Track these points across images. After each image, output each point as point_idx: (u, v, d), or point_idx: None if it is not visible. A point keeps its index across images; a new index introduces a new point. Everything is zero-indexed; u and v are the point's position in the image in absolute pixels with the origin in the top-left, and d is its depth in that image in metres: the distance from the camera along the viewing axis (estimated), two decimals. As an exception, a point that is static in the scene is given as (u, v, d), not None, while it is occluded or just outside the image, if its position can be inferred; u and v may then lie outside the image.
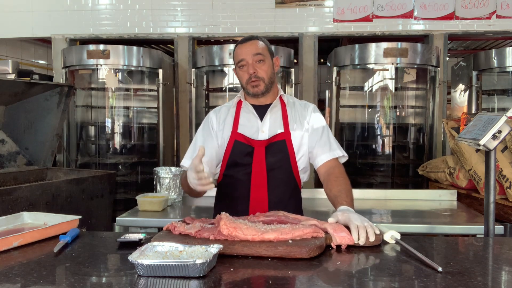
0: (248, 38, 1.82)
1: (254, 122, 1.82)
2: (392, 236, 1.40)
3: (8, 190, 2.56)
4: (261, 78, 1.77)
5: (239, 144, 1.79)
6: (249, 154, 1.77)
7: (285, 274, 1.14)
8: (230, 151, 1.79)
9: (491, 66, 4.35)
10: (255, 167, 1.75)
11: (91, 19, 4.88)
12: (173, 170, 2.76)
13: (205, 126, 1.89)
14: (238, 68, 1.81)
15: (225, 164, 1.81)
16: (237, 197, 1.79)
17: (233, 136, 1.80)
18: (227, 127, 1.83)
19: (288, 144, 1.78)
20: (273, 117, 1.82)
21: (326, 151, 1.80)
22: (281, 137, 1.78)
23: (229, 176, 1.82)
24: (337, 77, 4.34)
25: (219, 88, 4.80)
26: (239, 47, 1.80)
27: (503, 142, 2.56)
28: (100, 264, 1.25)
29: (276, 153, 1.76)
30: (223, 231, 1.31)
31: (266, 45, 1.82)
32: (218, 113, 1.89)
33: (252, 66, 1.76)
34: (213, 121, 1.88)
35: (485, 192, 1.66)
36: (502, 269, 1.22)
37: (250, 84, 1.78)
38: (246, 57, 1.76)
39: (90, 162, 4.51)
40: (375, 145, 4.52)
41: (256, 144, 1.77)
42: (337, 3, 4.69)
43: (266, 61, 1.79)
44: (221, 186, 1.88)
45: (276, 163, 1.76)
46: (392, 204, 2.80)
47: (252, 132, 1.80)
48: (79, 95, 4.58)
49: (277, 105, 1.84)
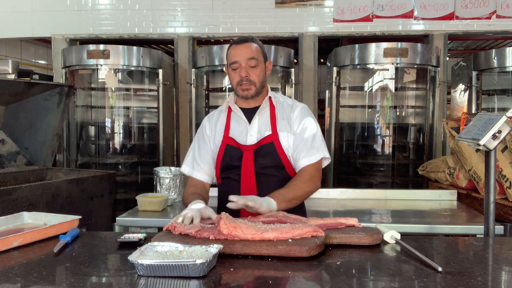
0: (243, 39, 1.81)
1: (243, 126, 1.83)
2: (392, 236, 1.40)
3: (8, 190, 2.56)
4: (253, 82, 1.78)
5: (230, 148, 1.81)
6: (239, 158, 1.79)
7: (285, 274, 1.14)
8: (222, 155, 1.82)
9: (491, 66, 4.35)
10: (243, 171, 1.77)
11: (91, 19, 4.88)
12: (173, 170, 2.76)
13: (200, 133, 1.95)
14: (231, 69, 1.81)
15: (219, 167, 1.84)
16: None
17: (224, 140, 1.83)
18: (219, 132, 1.86)
19: (276, 146, 1.77)
20: (261, 119, 1.83)
21: (305, 156, 1.77)
22: (269, 140, 1.78)
23: (224, 178, 1.86)
24: (337, 77, 4.34)
25: (219, 88, 4.80)
26: (233, 48, 1.80)
27: (503, 142, 2.56)
28: (100, 264, 1.26)
29: (265, 156, 1.76)
30: (223, 230, 1.31)
31: (261, 48, 1.82)
32: (211, 119, 1.93)
33: (245, 69, 1.77)
34: (206, 127, 1.92)
35: (485, 192, 1.66)
36: (502, 269, 1.22)
37: (241, 87, 1.79)
38: (240, 59, 1.76)
39: (90, 162, 4.51)
40: (375, 145, 4.52)
41: (245, 149, 1.78)
42: (337, 3, 4.69)
43: (259, 65, 1.79)
44: (219, 187, 1.91)
45: (266, 165, 1.77)
46: (392, 204, 2.79)
47: (242, 136, 1.81)
48: (79, 95, 4.58)
49: (265, 106, 1.84)
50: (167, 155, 4.68)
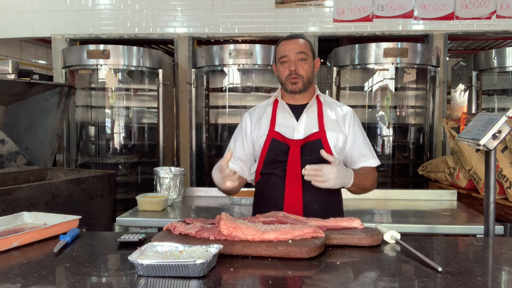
0: (294, 35, 1.85)
1: (290, 121, 1.82)
2: (392, 236, 1.40)
3: (8, 190, 2.56)
4: (301, 76, 1.79)
5: (276, 142, 1.79)
6: (285, 153, 1.77)
7: (285, 274, 1.14)
8: (268, 149, 1.80)
9: (491, 66, 4.35)
10: (289, 166, 1.76)
11: (91, 19, 4.88)
12: (173, 170, 2.76)
13: (239, 129, 1.94)
14: (279, 64, 1.82)
15: (262, 161, 1.82)
16: (273, 194, 1.80)
17: (270, 134, 1.81)
18: (263, 126, 1.84)
19: (324, 143, 1.77)
20: (309, 117, 1.83)
21: (371, 158, 1.87)
22: (316, 137, 1.78)
23: (266, 174, 1.83)
24: (337, 77, 4.34)
25: (219, 88, 4.80)
26: (283, 43, 1.82)
27: (503, 142, 2.56)
28: (100, 264, 1.26)
29: (311, 153, 1.75)
30: (223, 231, 1.31)
31: (310, 45, 1.85)
32: (253, 114, 1.92)
33: (294, 63, 1.78)
34: (247, 122, 1.91)
35: (485, 192, 1.66)
36: (502, 269, 1.22)
37: (290, 81, 1.79)
38: (289, 53, 1.78)
39: (90, 162, 4.51)
40: (375, 145, 4.52)
41: (292, 143, 1.77)
42: (337, 3, 4.68)
43: (308, 60, 1.81)
44: (258, 184, 1.88)
45: (312, 162, 1.70)
46: (392, 204, 2.80)
47: (288, 131, 1.80)
48: (79, 95, 4.58)
49: (313, 104, 1.85)
50: (167, 155, 4.67)
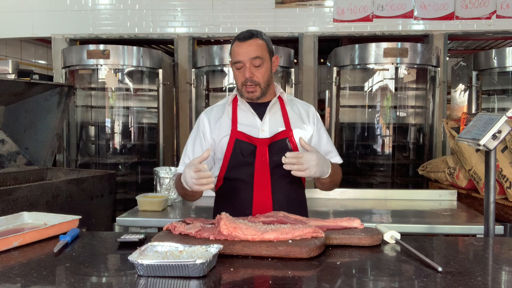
0: (248, 35, 1.70)
1: (253, 120, 1.74)
2: (392, 236, 1.40)
3: (8, 190, 2.56)
4: (258, 83, 1.70)
5: (240, 142, 1.70)
6: (251, 153, 1.69)
7: (285, 274, 1.14)
8: (232, 150, 1.70)
9: (491, 66, 4.35)
10: (257, 166, 1.68)
11: (91, 19, 4.88)
12: (173, 170, 2.76)
13: (196, 131, 1.81)
14: (234, 68, 1.72)
15: (226, 164, 1.72)
16: (240, 200, 1.72)
17: (233, 134, 1.71)
18: (224, 126, 1.74)
19: (290, 142, 1.72)
20: (273, 115, 1.76)
21: (336, 155, 1.84)
22: (283, 135, 1.72)
23: (230, 179, 1.74)
24: (337, 77, 4.34)
25: (219, 88, 4.80)
26: (237, 46, 1.69)
27: (503, 142, 2.56)
28: (100, 264, 1.25)
29: (279, 152, 1.65)
30: (223, 231, 1.31)
31: (266, 44, 1.72)
32: (210, 114, 1.81)
33: (249, 70, 1.68)
34: (205, 123, 1.79)
35: (485, 192, 1.66)
36: (502, 269, 1.22)
37: (246, 89, 1.71)
38: (244, 59, 1.67)
39: (90, 162, 4.51)
40: (375, 145, 4.52)
41: (258, 143, 1.69)
42: (337, 3, 4.68)
43: (265, 64, 1.70)
44: (221, 190, 1.80)
45: (280, 161, 1.62)
46: (392, 204, 2.79)
47: (253, 130, 1.72)
48: (79, 95, 4.58)
49: (275, 102, 1.78)
50: (167, 155, 4.68)
